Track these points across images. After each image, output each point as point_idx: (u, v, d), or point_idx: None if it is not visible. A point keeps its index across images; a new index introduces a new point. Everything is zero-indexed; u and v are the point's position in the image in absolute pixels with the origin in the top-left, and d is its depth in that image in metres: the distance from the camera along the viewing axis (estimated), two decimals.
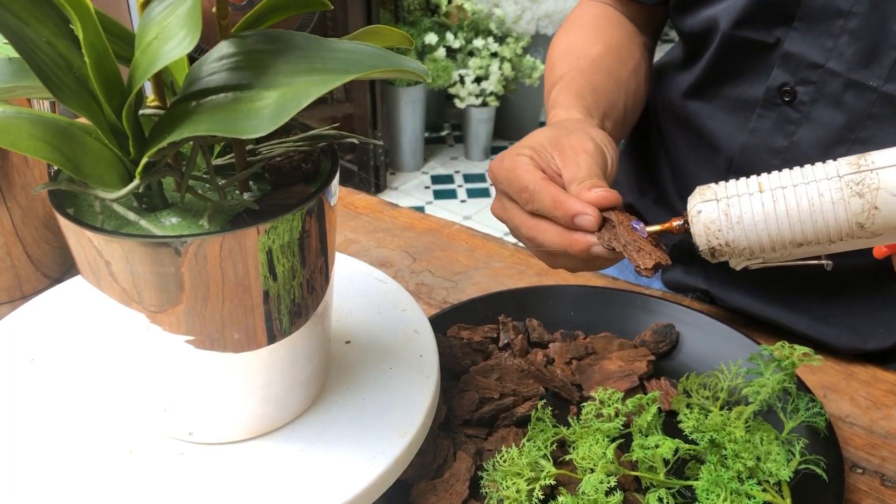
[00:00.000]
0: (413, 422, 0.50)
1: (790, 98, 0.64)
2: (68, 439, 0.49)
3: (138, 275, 0.40)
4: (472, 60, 2.74)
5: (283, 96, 0.38)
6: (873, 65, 0.60)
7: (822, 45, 0.61)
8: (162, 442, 0.49)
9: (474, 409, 0.58)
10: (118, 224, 0.42)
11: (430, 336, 0.57)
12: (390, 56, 0.41)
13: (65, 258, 0.79)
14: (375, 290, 0.62)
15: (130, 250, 0.40)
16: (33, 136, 0.38)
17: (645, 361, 0.64)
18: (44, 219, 0.76)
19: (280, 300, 0.44)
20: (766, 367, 0.59)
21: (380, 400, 0.52)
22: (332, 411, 0.51)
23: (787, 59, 0.63)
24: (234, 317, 0.43)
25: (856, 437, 0.61)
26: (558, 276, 0.80)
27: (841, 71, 0.61)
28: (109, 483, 0.46)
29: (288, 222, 0.42)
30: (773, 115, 0.66)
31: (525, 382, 0.61)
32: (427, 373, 0.54)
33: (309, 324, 0.47)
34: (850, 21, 0.59)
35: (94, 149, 0.41)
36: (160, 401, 0.48)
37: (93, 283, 0.43)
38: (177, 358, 0.44)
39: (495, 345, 0.66)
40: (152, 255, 0.39)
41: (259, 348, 0.45)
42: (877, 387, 0.66)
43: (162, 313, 0.42)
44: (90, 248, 0.41)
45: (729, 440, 0.51)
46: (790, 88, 0.64)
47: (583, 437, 0.52)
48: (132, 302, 0.42)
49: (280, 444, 0.49)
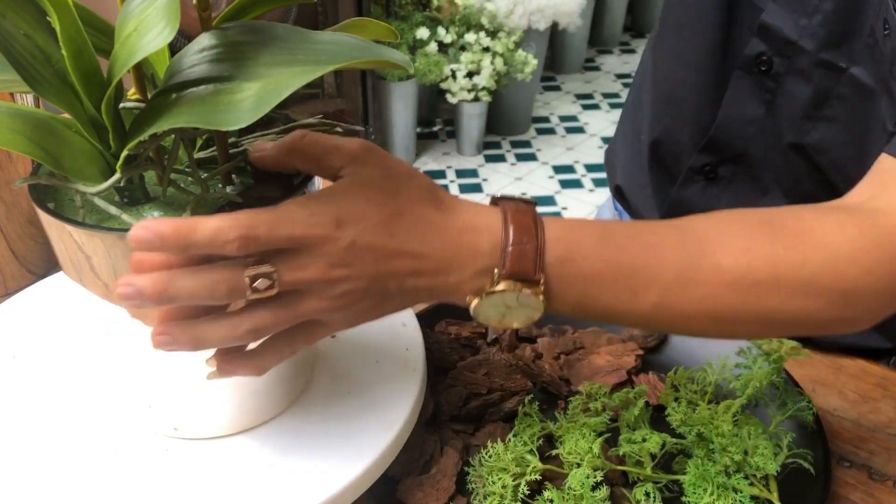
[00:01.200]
0: (399, 416, 0.50)
1: (767, 67, 0.65)
2: (53, 438, 0.48)
3: (120, 270, 0.40)
4: (464, 55, 2.74)
5: (264, 88, 0.37)
6: (844, 46, 0.60)
7: (797, 21, 0.62)
8: (147, 439, 0.48)
9: (462, 404, 0.58)
10: (99, 219, 0.42)
11: (417, 330, 0.57)
12: (372, 47, 0.41)
13: (50, 254, 0.79)
14: None
15: (112, 245, 0.39)
16: (11, 130, 0.38)
17: (633, 356, 0.64)
18: (28, 214, 0.76)
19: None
20: (755, 362, 0.59)
21: (366, 394, 0.51)
22: (318, 406, 0.51)
23: (765, 30, 0.64)
24: None
25: (844, 431, 0.61)
26: None
27: (811, 50, 0.61)
28: (96, 480, 0.46)
29: None
30: (750, 82, 0.66)
31: (513, 377, 0.60)
32: (413, 366, 0.53)
33: None
34: (825, 2, 0.60)
35: (75, 143, 0.41)
36: (145, 397, 0.48)
37: (75, 278, 0.43)
38: (160, 352, 0.44)
39: (483, 340, 0.66)
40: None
41: None
42: (865, 380, 0.66)
43: (143, 308, 0.41)
44: (71, 242, 0.40)
45: (716, 434, 0.51)
46: (767, 58, 0.65)
47: (569, 431, 0.52)
48: (105, 287, 0.41)
49: (266, 439, 0.48)
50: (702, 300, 0.47)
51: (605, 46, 3.97)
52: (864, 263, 0.48)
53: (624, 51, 3.98)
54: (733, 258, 0.47)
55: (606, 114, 3.37)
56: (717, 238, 0.48)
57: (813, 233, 0.48)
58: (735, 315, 0.47)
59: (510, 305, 0.44)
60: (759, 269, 0.47)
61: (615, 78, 3.70)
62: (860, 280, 0.48)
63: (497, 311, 0.45)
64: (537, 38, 3.08)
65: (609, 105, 3.45)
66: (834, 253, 0.47)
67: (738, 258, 0.47)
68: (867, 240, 0.48)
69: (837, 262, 0.47)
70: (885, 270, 0.48)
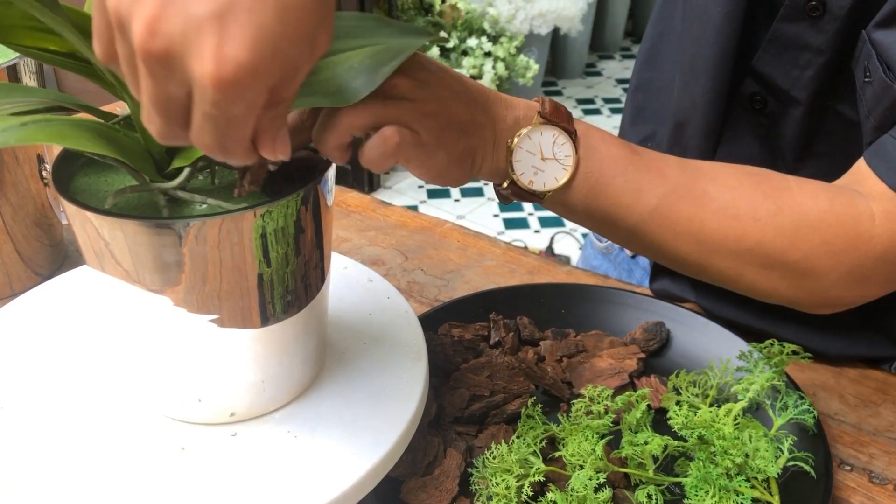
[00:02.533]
0: (404, 415, 0.50)
1: (761, 106, 0.65)
2: (69, 442, 0.48)
3: (140, 256, 0.41)
4: (466, 60, 2.74)
5: (375, 51, 0.41)
6: (835, 95, 0.60)
7: (788, 73, 0.61)
8: (162, 440, 0.49)
9: (465, 406, 0.58)
10: (184, 209, 0.43)
11: (419, 329, 0.57)
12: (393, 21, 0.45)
13: (55, 255, 0.79)
14: (364, 288, 0.62)
15: (133, 232, 0.40)
16: (87, 138, 0.39)
17: (635, 359, 0.64)
18: (34, 216, 0.76)
19: (276, 280, 0.44)
20: (756, 365, 0.59)
21: (370, 391, 0.52)
22: (321, 405, 0.51)
23: (756, 74, 0.64)
24: (238, 294, 0.44)
25: (844, 435, 0.61)
26: (549, 275, 0.80)
27: (802, 100, 0.61)
28: (115, 482, 0.46)
29: (283, 207, 0.42)
30: (745, 119, 0.66)
31: (516, 380, 0.61)
32: (417, 365, 0.54)
33: (310, 306, 0.48)
34: (818, 57, 0.59)
35: (127, 143, 0.43)
36: (193, 392, 0.48)
37: (96, 266, 0.43)
38: (206, 346, 0.45)
39: (486, 343, 0.66)
40: (157, 237, 0.40)
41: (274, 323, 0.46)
42: (865, 384, 0.67)
43: (165, 291, 0.42)
44: (93, 231, 0.41)
45: (717, 437, 0.52)
46: (762, 98, 0.64)
47: (572, 433, 0.52)
48: (136, 282, 0.42)
49: (266, 440, 0.49)
50: (690, 219, 0.53)
51: (606, 52, 3.98)
52: (825, 234, 0.53)
53: (625, 56, 3.99)
54: (720, 190, 0.53)
55: (608, 119, 3.37)
56: (710, 173, 0.55)
57: (791, 191, 0.54)
58: (714, 242, 0.53)
59: (545, 156, 0.50)
60: (740, 205, 0.53)
61: (616, 83, 3.71)
62: (819, 248, 0.53)
63: (531, 163, 0.51)
64: (539, 43, 3.09)
65: (610, 110, 3.46)
66: (804, 215, 0.53)
67: (725, 192, 0.53)
68: (833, 214, 0.53)
69: (803, 224, 0.53)
70: (843, 248, 0.53)
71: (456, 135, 0.47)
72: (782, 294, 0.55)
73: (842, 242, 0.53)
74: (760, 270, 0.54)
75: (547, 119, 0.50)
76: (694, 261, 0.54)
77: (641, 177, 0.52)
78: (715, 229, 0.53)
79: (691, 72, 0.68)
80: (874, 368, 0.68)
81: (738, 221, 0.53)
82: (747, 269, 0.54)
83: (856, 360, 0.69)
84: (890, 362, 0.70)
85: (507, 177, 0.51)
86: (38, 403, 0.51)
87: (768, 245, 0.53)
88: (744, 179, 0.54)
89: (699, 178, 0.54)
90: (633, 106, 0.82)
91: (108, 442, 0.48)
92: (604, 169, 0.52)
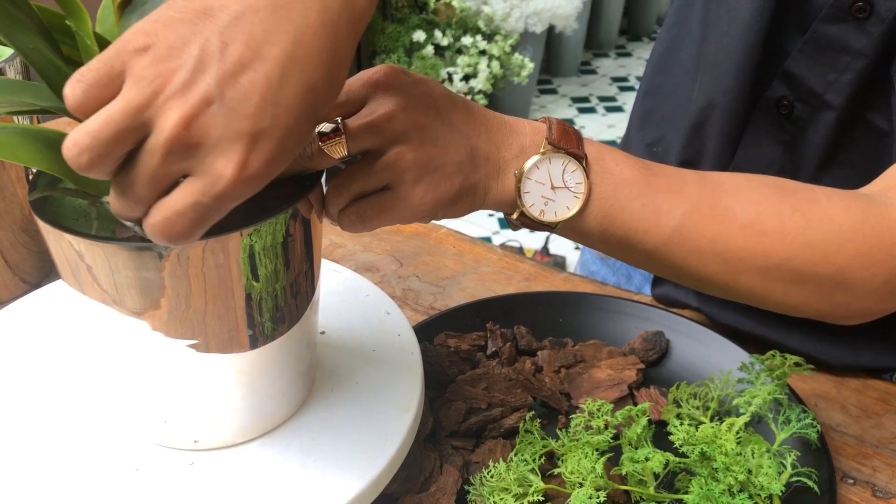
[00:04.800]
0: (399, 431, 0.49)
1: (787, 111, 0.63)
2: (64, 457, 0.47)
3: (120, 277, 0.39)
4: (461, 58, 2.73)
5: None
6: (870, 102, 0.59)
7: (825, 75, 0.59)
8: (165, 453, 0.48)
9: (461, 419, 0.57)
10: (111, 229, 0.41)
11: (414, 341, 0.56)
12: None
13: (43, 262, 0.78)
14: (360, 298, 0.60)
15: (112, 254, 0.38)
16: (30, 149, 0.38)
17: (634, 370, 0.63)
18: (21, 222, 0.75)
19: (263, 302, 0.43)
20: (757, 377, 0.58)
21: (363, 407, 0.51)
22: (315, 421, 0.50)
23: (788, 76, 0.62)
24: (220, 317, 0.42)
25: (847, 447, 0.60)
26: (546, 282, 0.79)
27: (836, 105, 0.59)
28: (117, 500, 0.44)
29: (271, 226, 0.40)
30: (769, 123, 0.65)
31: (513, 392, 0.60)
32: (412, 378, 0.53)
33: (303, 319, 0.47)
34: (858, 60, 0.57)
35: None
36: (159, 413, 0.47)
37: (74, 286, 0.42)
38: (170, 366, 0.43)
39: (483, 353, 0.65)
40: (136, 260, 0.38)
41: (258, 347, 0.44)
42: (867, 395, 0.66)
43: (144, 315, 0.41)
44: (71, 251, 0.40)
45: (720, 453, 0.51)
46: (788, 102, 0.63)
47: (572, 450, 0.51)
48: (116, 304, 0.40)
49: (288, 438, 0.48)
50: (714, 240, 0.50)
51: (601, 50, 3.97)
52: (860, 245, 0.51)
53: (620, 54, 3.98)
54: (744, 207, 0.51)
55: (602, 117, 3.37)
56: (733, 188, 0.52)
57: (820, 203, 0.51)
58: (741, 261, 0.50)
59: (555, 185, 0.48)
60: (766, 221, 0.50)
61: (611, 81, 3.70)
62: (853, 260, 0.51)
63: (540, 193, 0.48)
64: (534, 41, 3.08)
65: (605, 108, 3.45)
66: (836, 227, 0.51)
67: (749, 208, 0.51)
68: (867, 225, 0.51)
69: (836, 237, 0.51)
70: (879, 258, 0.51)
71: (454, 177, 0.46)
72: (813, 308, 0.53)
73: (877, 252, 0.50)
74: (791, 286, 0.51)
75: (555, 146, 0.48)
76: (720, 281, 0.52)
77: (659, 198, 0.50)
78: (741, 247, 0.50)
79: (712, 71, 0.66)
80: (876, 378, 0.67)
81: (766, 237, 0.50)
82: (777, 286, 0.51)
83: (859, 370, 0.68)
84: (892, 372, 0.69)
85: (515, 207, 0.49)
86: (38, 420, 0.50)
87: (798, 260, 0.50)
88: (769, 193, 0.52)
89: (721, 194, 0.51)
90: (642, 110, 0.81)
91: (112, 466, 0.47)
92: (619, 193, 0.49)
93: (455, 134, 0.46)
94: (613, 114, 3.38)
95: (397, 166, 0.44)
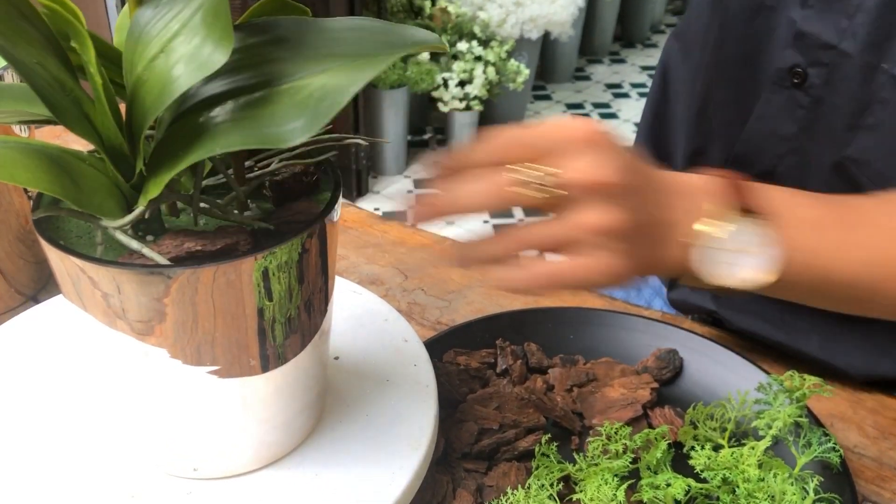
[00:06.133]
0: (415, 455, 0.47)
1: (800, 80, 0.62)
2: (61, 481, 0.45)
3: (128, 300, 0.37)
4: (456, 64, 2.72)
5: (324, 89, 0.34)
6: (886, 46, 0.57)
7: (837, 24, 0.59)
8: (163, 481, 0.46)
9: (473, 441, 0.55)
10: (118, 253, 0.39)
11: (428, 363, 0.54)
12: (396, 28, 0.38)
13: (40, 273, 0.76)
14: (377, 323, 0.59)
15: (123, 280, 0.37)
16: (26, 168, 0.35)
17: (648, 389, 0.62)
18: (17, 232, 0.73)
19: (275, 322, 0.41)
20: (775, 398, 0.57)
21: (383, 416, 0.49)
22: (337, 431, 0.48)
23: (801, 38, 0.61)
24: (230, 341, 0.40)
25: (865, 469, 0.59)
26: (553, 296, 0.77)
27: (853, 52, 0.58)
28: None
29: (286, 249, 0.39)
30: (782, 98, 0.64)
31: (525, 412, 0.58)
32: (426, 401, 0.51)
33: (314, 343, 0.45)
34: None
35: (90, 176, 0.38)
36: (160, 438, 0.45)
37: (76, 303, 0.40)
38: (172, 390, 0.41)
39: (493, 371, 0.64)
40: (144, 284, 0.36)
41: (268, 371, 0.43)
42: (884, 415, 0.64)
43: (149, 336, 0.39)
44: (76, 271, 0.38)
45: (742, 479, 0.49)
46: (802, 70, 0.62)
47: (590, 476, 0.50)
48: (118, 320, 0.39)
49: (291, 471, 0.46)
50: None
51: (595, 56, 3.96)
52: None
53: (614, 61, 3.98)
54: None
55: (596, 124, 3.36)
56: None
57: None
58: None
59: (739, 246, 0.45)
60: None
61: (605, 88, 3.69)
62: None
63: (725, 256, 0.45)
64: (529, 47, 3.07)
65: (599, 115, 3.44)
66: None
67: None
68: None
69: None
70: None
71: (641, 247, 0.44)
72: None
73: None
74: None
75: (731, 204, 0.44)
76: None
77: (847, 228, 0.48)
78: None
79: (718, 49, 0.65)
80: (891, 396, 0.66)
81: None
82: None
83: (876, 381, 0.67)
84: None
85: (685, 272, 0.46)
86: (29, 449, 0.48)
87: None
88: None
89: None
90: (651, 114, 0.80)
91: (66, 483, 0.45)
92: (810, 235, 0.47)
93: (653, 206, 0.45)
94: (607, 120, 3.38)
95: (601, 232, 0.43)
